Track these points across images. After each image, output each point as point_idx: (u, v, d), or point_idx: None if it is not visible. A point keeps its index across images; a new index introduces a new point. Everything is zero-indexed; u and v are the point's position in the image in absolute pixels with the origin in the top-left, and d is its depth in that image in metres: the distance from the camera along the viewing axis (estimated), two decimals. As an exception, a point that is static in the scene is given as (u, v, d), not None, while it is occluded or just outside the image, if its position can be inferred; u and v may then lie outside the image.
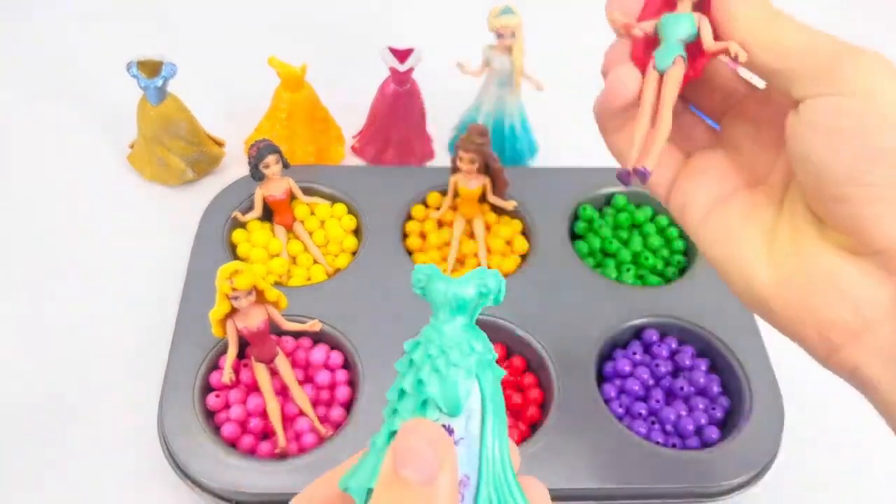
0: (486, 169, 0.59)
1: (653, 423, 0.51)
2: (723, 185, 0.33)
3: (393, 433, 0.21)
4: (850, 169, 0.26)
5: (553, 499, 0.22)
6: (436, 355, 0.21)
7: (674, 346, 0.55)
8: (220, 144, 0.68)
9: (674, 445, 0.50)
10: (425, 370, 0.21)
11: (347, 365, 0.53)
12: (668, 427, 0.51)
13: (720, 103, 0.34)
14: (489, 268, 0.59)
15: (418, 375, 0.21)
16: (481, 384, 0.22)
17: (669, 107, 0.29)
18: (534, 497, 0.22)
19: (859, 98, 0.26)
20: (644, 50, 0.30)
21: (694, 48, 0.29)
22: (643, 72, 0.29)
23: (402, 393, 0.22)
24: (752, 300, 0.31)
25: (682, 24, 0.28)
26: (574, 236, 0.63)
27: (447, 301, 0.21)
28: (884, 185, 0.26)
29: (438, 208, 0.61)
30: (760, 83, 0.32)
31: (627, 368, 0.53)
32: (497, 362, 0.23)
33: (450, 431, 0.21)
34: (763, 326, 0.55)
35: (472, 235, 0.61)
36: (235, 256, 0.58)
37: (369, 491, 0.21)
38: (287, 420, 0.50)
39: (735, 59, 0.27)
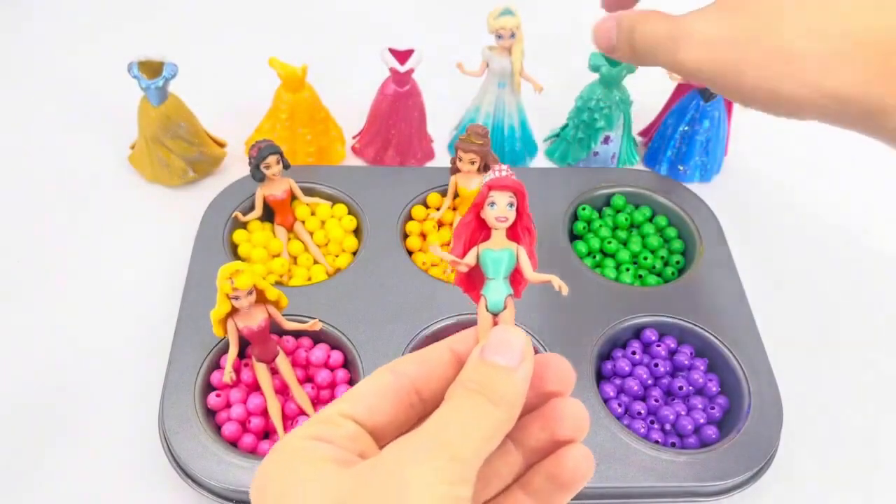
0: (486, 169, 0.59)
1: (651, 422, 0.52)
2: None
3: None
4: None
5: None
6: None
7: (672, 345, 0.55)
8: (221, 145, 0.68)
9: (673, 445, 0.50)
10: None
11: (348, 364, 0.53)
12: (667, 426, 0.51)
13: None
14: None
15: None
16: None
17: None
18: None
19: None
20: (469, 282, 0.29)
21: (514, 273, 0.28)
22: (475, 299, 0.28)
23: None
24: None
25: (502, 261, 0.28)
26: (573, 236, 0.63)
27: None
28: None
29: (438, 208, 0.62)
30: None
31: (626, 368, 0.53)
32: None
33: None
34: (763, 326, 0.55)
35: (471, 235, 0.61)
36: (236, 256, 0.59)
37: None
38: (288, 419, 0.50)
39: (560, 290, 0.28)
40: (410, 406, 0.25)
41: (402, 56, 0.63)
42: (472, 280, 0.29)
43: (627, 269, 0.60)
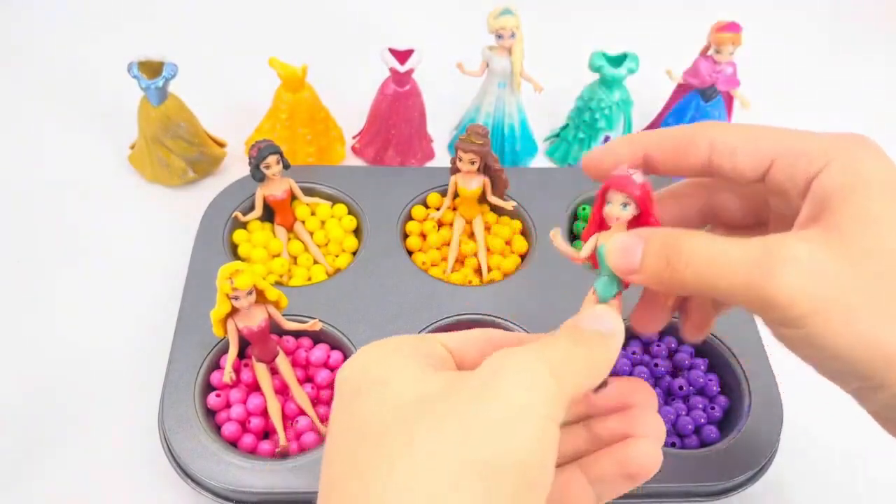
0: (486, 169, 0.59)
1: (652, 422, 0.51)
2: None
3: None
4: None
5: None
6: None
7: (673, 345, 0.55)
8: (221, 145, 0.68)
9: (673, 445, 0.50)
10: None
11: (348, 364, 0.53)
12: (668, 426, 0.51)
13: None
14: (489, 269, 0.59)
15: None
16: None
17: None
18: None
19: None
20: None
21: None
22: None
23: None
24: None
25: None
26: (574, 236, 0.63)
27: None
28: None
29: (438, 208, 0.62)
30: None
31: (626, 368, 0.53)
32: None
33: None
34: (763, 325, 0.55)
35: (471, 235, 0.61)
36: (236, 256, 0.59)
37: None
38: (287, 419, 0.50)
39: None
40: (447, 364, 0.27)
41: (402, 56, 0.63)
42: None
43: (627, 269, 0.60)
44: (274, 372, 0.50)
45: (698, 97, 0.66)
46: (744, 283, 0.24)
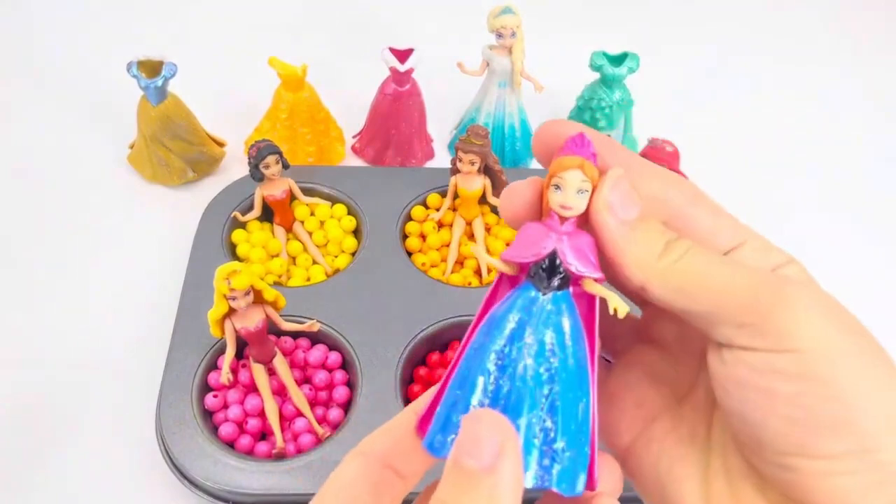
0: (487, 170, 0.59)
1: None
2: (646, 403, 0.26)
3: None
4: (797, 438, 0.21)
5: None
6: None
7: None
8: (220, 144, 0.68)
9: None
10: None
11: (346, 365, 0.53)
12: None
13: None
14: (488, 271, 0.59)
15: None
16: None
17: None
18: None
19: (793, 356, 0.20)
20: None
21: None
22: None
23: None
24: None
25: None
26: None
27: None
28: (838, 457, 0.20)
29: (438, 209, 0.61)
30: None
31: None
32: None
33: None
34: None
35: (471, 237, 0.61)
36: (235, 256, 0.58)
37: None
38: (285, 420, 0.50)
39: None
40: (391, 487, 0.23)
41: (402, 55, 0.62)
42: None
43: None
44: (272, 373, 0.50)
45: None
46: (746, 296, 0.21)
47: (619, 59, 0.65)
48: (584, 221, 0.22)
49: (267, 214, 0.60)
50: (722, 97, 0.80)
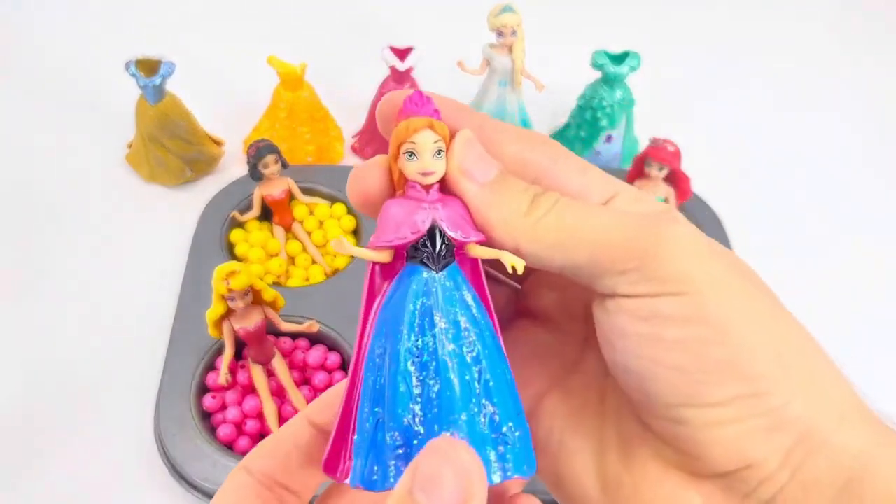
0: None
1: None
2: (533, 380, 0.24)
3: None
4: (685, 387, 0.20)
5: (545, 503, 0.22)
6: None
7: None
8: (219, 144, 0.68)
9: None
10: None
11: (345, 366, 0.52)
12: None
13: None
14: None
15: None
16: None
17: None
18: None
19: (678, 299, 0.19)
20: None
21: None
22: None
23: None
24: None
25: None
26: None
27: None
28: (727, 403, 0.19)
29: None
30: None
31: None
32: None
33: None
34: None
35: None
36: (233, 256, 0.58)
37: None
38: (284, 422, 0.49)
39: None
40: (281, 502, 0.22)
41: (402, 54, 0.62)
42: None
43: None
44: (270, 374, 0.50)
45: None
46: (624, 241, 0.20)
47: (620, 58, 0.64)
48: (445, 184, 0.21)
49: (266, 214, 0.60)
50: (723, 97, 0.79)
